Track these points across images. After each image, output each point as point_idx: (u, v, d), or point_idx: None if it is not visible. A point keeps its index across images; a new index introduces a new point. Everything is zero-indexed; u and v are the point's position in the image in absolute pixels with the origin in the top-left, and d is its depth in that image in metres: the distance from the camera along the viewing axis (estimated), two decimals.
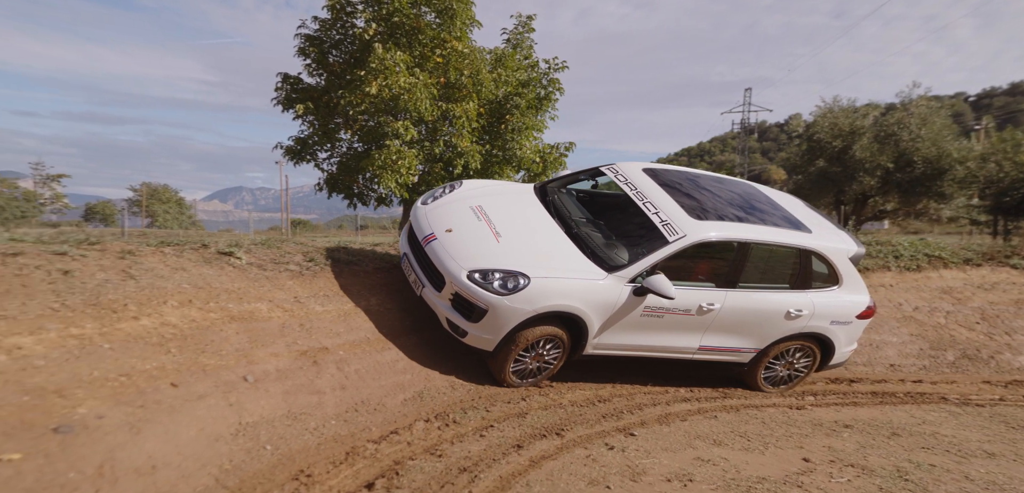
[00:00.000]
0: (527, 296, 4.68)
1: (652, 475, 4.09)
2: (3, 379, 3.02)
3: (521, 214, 5.51)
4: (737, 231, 5.30)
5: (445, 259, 4.88)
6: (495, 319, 4.70)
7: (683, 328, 5.36)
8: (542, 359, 5.21)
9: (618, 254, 5.12)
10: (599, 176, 6.21)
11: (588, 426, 4.89)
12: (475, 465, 3.99)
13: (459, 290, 4.74)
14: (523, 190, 6.06)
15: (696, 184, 5.96)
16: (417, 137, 10.12)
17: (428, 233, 5.17)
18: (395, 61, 9.42)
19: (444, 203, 5.58)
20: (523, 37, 12.35)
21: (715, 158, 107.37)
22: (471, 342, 4.92)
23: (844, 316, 5.87)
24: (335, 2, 10.68)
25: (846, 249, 5.84)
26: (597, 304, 4.90)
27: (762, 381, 6.06)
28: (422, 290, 5.11)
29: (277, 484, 3.33)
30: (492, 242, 5.01)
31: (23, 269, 3.93)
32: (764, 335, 5.67)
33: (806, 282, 5.70)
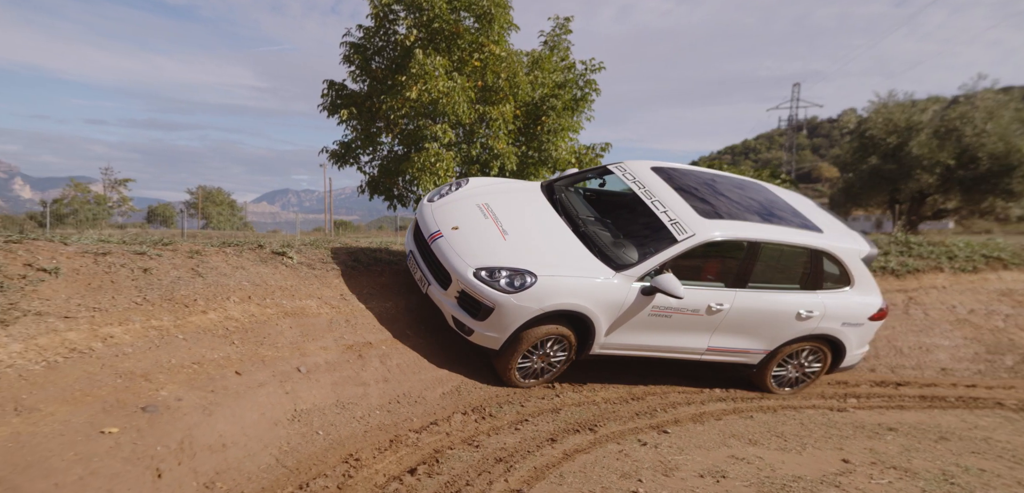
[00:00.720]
0: (534, 294, 4.63)
1: (684, 471, 4.14)
2: (100, 364, 3.38)
3: (528, 212, 5.45)
4: (747, 230, 5.21)
5: (451, 257, 4.83)
6: (501, 317, 4.65)
7: (691, 328, 5.28)
8: (548, 359, 5.15)
9: (626, 253, 5.05)
10: (607, 175, 6.15)
11: (621, 423, 4.97)
12: (510, 456, 4.14)
13: (465, 288, 4.69)
14: (530, 188, 5.99)
15: (706, 184, 5.87)
16: (455, 140, 10.36)
17: (434, 231, 5.11)
18: (434, 66, 9.69)
19: (451, 201, 5.51)
20: (560, 39, 12.42)
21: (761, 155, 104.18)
22: (477, 340, 4.87)
23: (856, 318, 5.75)
24: (378, 10, 11.04)
25: (858, 250, 5.74)
26: (605, 303, 4.84)
27: (772, 382, 5.94)
28: (428, 288, 5.07)
29: (329, 466, 3.57)
30: (499, 240, 4.95)
31: (111, 267, 4.33)
32: (774, 336, 5.57)
33: (817, 283, 5.59)
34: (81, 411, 2.97)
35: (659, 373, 6.20)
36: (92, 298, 3.84)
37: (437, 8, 10.52)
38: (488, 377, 5.36)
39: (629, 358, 5.40)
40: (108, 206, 28.84)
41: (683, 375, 6.29)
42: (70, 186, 29.51)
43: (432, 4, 10.57)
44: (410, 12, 10.96)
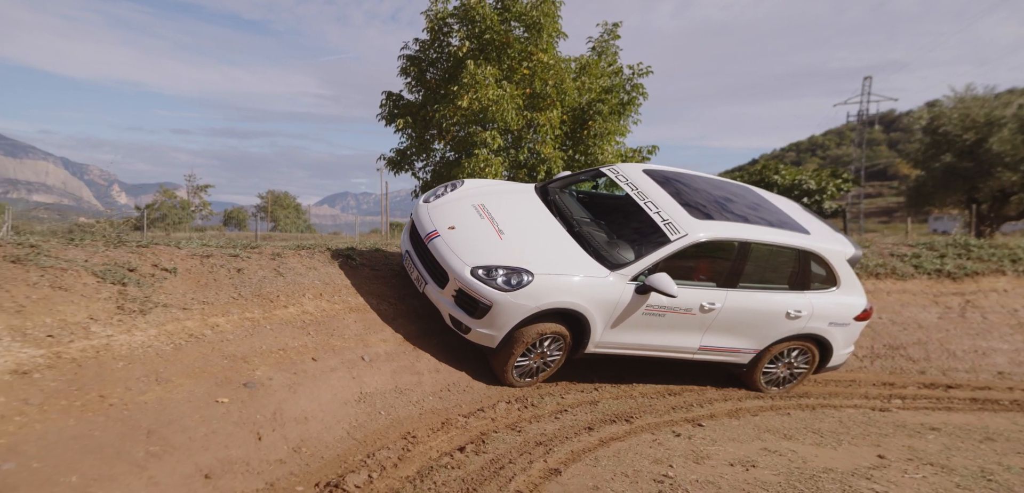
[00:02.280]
0: (531, 292, 4.69)
1: (715, 460, 4.37)
2: (211, 347, 4.04)
3: (524, 213, 5.52)
4: (738, 231, 5.29)
5: (448, 256, 4.88)
6: (498, 315, 4.70)
7: (684, 327, 5.34)
8: (544, 357, 5.18)
9: (621, 252, 5.12)
10: (600, 177, 6.28)
11: (657, 416, 5.23)
12: (550, 440, 4.52)
13: (462, 286, 4.74)
14: (525, 190, 6.06)
15: (696, 185, 5.96)
16: (503, 145, 10.81)
17: (431, 230, 5.14)
18: (485, 75, 10.17)
19: (446, 201, 5.55)
20: (608, 44, 12.65)
21: (830, 152, 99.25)
22: (474, 339, 4.91)
23: (842, 318, 5.83)
24: (433, 24, 11.67)
25: (844, 251, 5.82)
26: (600, 302, 4.90)
27: (761, 381, 6.01)
28: (425, 287, 5.10)
29: (391, 441, 4.08)
30: (495, 239, 5.00)
31: (213, 268, 4.99)
32: (764, 335, 5.64)
33: (805, 283, 5.67)
34: (201, 384, 3.61)
35: (696, 372, 6.40)
36: (201, 293, 4.53)
37: (488, 19, 11.02)
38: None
39: (623, 358, 5.47)
40: (191, 210, 31.35)
41: (721, 374, 6.45)
42: (160, 192, 32.33)
43: (484, 16, 11.08)
44: (463, 24, 11.52)
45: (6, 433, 2.60)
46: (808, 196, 23.52)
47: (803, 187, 23.70)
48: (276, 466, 3.41)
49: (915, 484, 4.16)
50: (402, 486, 3.57)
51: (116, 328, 3.71)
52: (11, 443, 2.54)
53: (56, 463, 2.59)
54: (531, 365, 5.20)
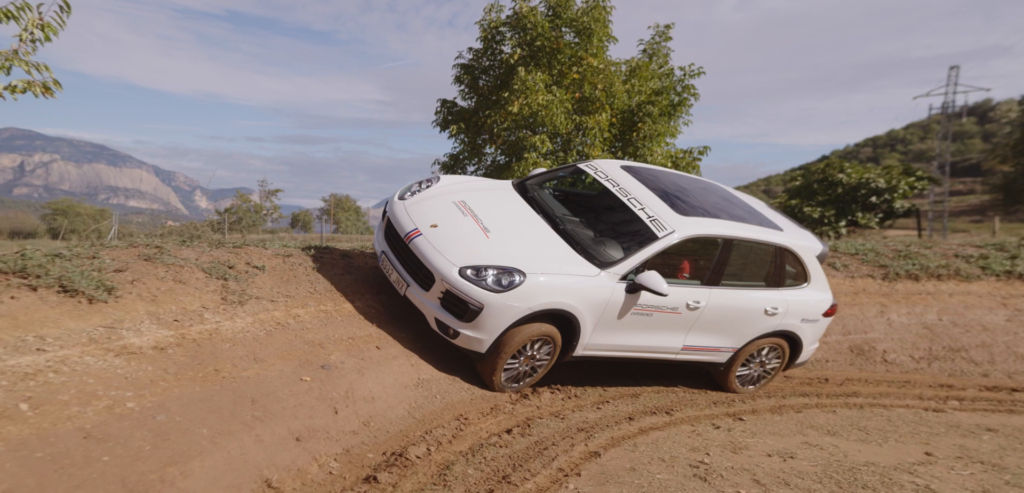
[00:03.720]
0: (522, 293, 4.49)
1: (753, 451, 4.51)
2: (294, 334, 4.59)
3: (507, 210, 5.32)
4: (721, 227, 5.22)
5: (433, 256, 4.64)
6: (489, 318, 4.48)
7: (670, 327, 5.22)
8: (533, 361, 4.98)
9: (609, 251, 4.98)
10: (578, 174, 6.13)
11: (697, 409, 5.39)
12: (591, 427, 4.79)
13: (450, 288, 4.51)
14: (503, 186, 5.84)
15: (672, 181, 5.87)
16: (552, 149, 11.13)
17: (411, 229, 4.88)
18: (535, 81, 10.53)
19: (424, 198, 5.28)
20: (659, 46, 12.74)
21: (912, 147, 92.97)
22: (462, 344, 4.68)
23: (812, 314, 5.80)
24: (487, 33, 12.15)
25: (813, 247, 5.80)
26: (591, 302, 4.75)
27: (735, 381, 5.92)
28: (407, 290, 4.83)
29: (445, 421, 4.48)
30: (481, 238, 4.81)
31: (293, 266, 5.54)
32: (743, 333, 5.56)
33: (780, 280, 5.63)
34: (288, 365, 4.15)
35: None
36: (285, 288, 5.12)
37: (540, 27, 11.38)
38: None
39: (607, 360, 5.32)
40: (263, 214, 33.54)
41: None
42: (236, 197, 34.84)
43: (535, 23, 11.45)
44: (515, 32, 11.94)
45: (156, 393, 3.22)
46: (876, 195, 22.40)
47: (871, 186, 22.60)
48: (350, 436, 3.89)
49: (961, 480, 4.15)
50: (456, 459, 3.95)
51: (222, 315, 4.32)
52: (160, 401, 3.15)
53: (191, 418, 3.17)
54: (519, 369, 4.99)
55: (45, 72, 3.15)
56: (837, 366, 6.94)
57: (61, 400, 2.79)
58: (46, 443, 2.49)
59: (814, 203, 21.86)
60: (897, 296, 7.70)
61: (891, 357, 7.11)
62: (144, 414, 3.00)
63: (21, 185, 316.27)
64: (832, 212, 21.32)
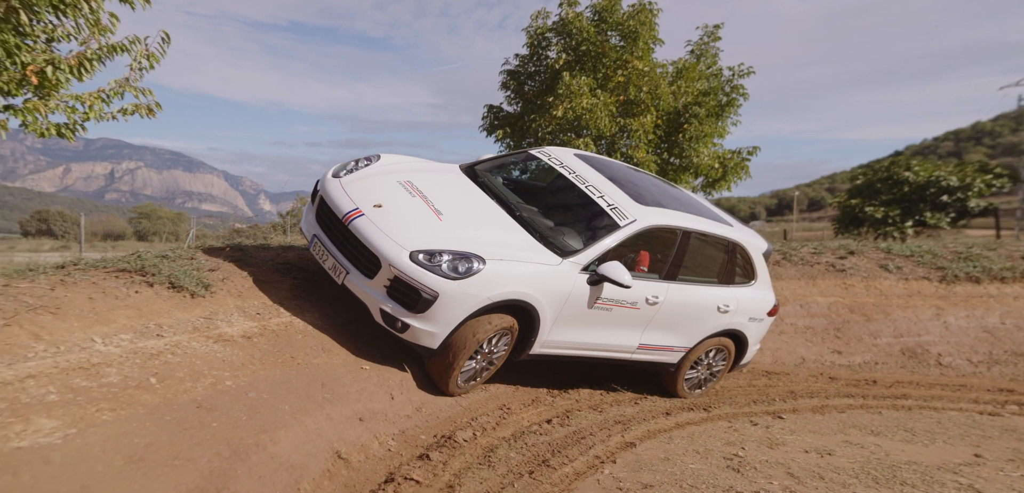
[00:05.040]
0: (482, 281, 4.05)
1: (790, 447, 4.57)
2: (356, 328, 4.84)
3: (459, 193, 4.91)
4: (681, 219, 4.99)
5: (377, 238, 4.10)
6: (444, 308, 4.02)
7: (627, 324, 4.91)
8: (490, 356, 4.56)
9: (569, 239, 4.64)
10: (530, 161, 5.76)
11: (735, 407, 5.46)
12: (628, 421, 4.97)
13: (400, 274, 3.99)
14: (451, 170, 5.41)
15: (624, 172, 5.59)
16: (596, 151, 11.30)
17: (349, 209, 4.32)
18: (580, 86, 10.73)
19: (364, 176, 4.77)
20: (707, 47, 12.68)
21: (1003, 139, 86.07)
22: (411, 338, 4.16)
23: (759, 313, 5.61)
24: (533, 39, 12.46)
25: (760, 245, 5.64)
26: (552, 293, 4.38)
27: (684, 385, 5.64)
28: (345, 278, 4.26)
29: (490, 410, 4.76)
30: (433, 220, 4.35)
31: None
32: (697, 331, 5.32)
33: (731, 277, 5.45)
34: (350, 355, 4.51)
35: (783, 368, 6.46)
36: None
37: (585, 32, 11.59)
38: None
39: (559, 359, 4.94)
40: None
41: (810, 372, 6.45)
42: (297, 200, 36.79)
43: (581, 28, 11.67)
44: (561, 37, 12.19)
45: (247, 375, 3.68)
46: (948, 194, 21.15)
47: (941, 184, 21.35)
48: (404, 419, 4.25)
49: (1009, 482, 4.08)
50: (499, 443, 4.24)
51: (294, 311, 4.81)
52: (251, 381, 3.61)
53: (275, 396, 3.61)
54: (474, 367, 4.57)
55: (149, 96, 3.68)
56: (887, 369, 6.79)
57: (178, 377, 3.27)
58: (171, 409, 2.97)
59: (877, 202, 20.91)
60: (955, 299, 7.42)
61: (946, 360, 6.88)
62: (239, 391, 3.45)
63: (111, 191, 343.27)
64: (897, 212, 20.36)
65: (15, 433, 2.30)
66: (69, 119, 3.44)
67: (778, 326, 7.06)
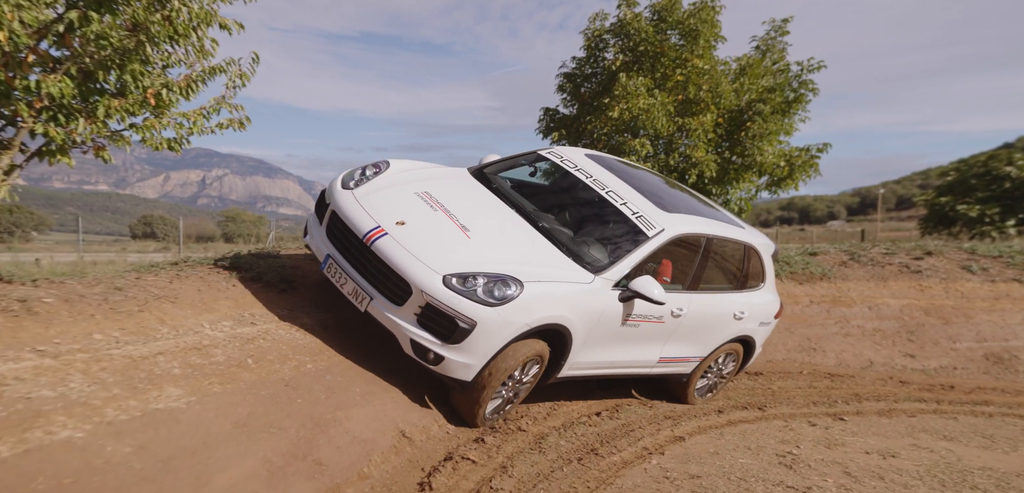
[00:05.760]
0: (521, 306, 3.66)
1: (850, 448, 4.45)
2: None
3: (478, 203, 4.49)
4: (705, 226, 4.71)
5: (406, 261, 3.69)
6: (481, 338, 3.62)
7: (651, 338, 4.61)
8: (518, 386, 4.19)
9: (595, 252, 4.29)
10: (538, 161, 5.30)
11: (793, 407, 5.35)
12: (678, 417, 4.99)
13: (433, 301, 3.59)
14: (462, 175, 4.99)
15: (639, 172, 5.29)
16: (652, 151, 11.21)
17: (371, 227, 3.87)
18: (636, 86, 10.71)
19: (379, 188, 4.32)
20: (774, 42, 12.29)
21: None
22: (446, 371, 3.72)
23: (768, 317, 5.38)
24: (590, 41, 12.55)
25: (769, 246, 5.39)
26: (585, 313, 4.03)
27: (694, 393, 5.37)
28: (368, 304, 3.80)
29: (541, 402, 4.92)
30: (461, 238, 3.95)
31: None
32: (713, 340, 5.06)
33: (744, 282, 5.19)
34: None
35: (846, 367, 6.23)
36: None
37: (643, 32, 11.56)
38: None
39: (578, 379, 4.61)
40: None
41: (878, 373, 6.18)
42: None
43: (638, 29, 11.65)
44: (618, 38, 12.22)
45: (324, 360, 4.02)
46: None
47: None
48: None
49: None
50: (550, 432, 4.41)
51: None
52: (327, 365, 3.95)
53: (348, 379, 3.91)
54: (504, 396, 4.18)
55: (241, 111, 4.19)
56: (966, 374, 6.38)
57: (269, 359, 3.67)
58: (265, 386, 3.37)
59: (972, 200, 19.31)
60: None
61: None
62: (318, 373, 3.80)
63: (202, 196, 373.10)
64: (995, 210, 18.75)
65: (152, 398, 2.76)
66: (177, 134, 3.99)
67: (843, 328, 6.79)
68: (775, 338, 6.62)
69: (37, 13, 3.29)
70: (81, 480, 2.17)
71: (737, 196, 11.71)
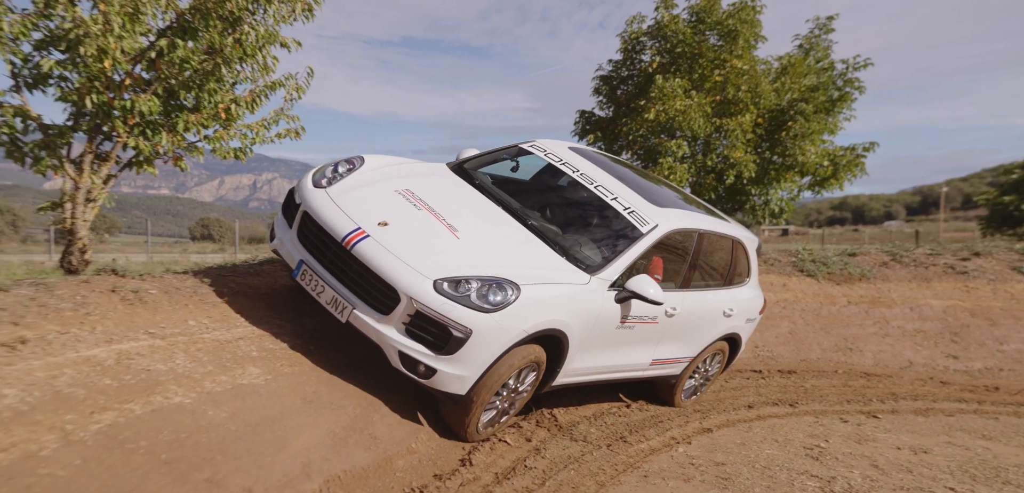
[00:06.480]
0: (517, 311, 3.36)
1: (880, 444, 4.50)
2: None
3: (462, 200, 4.19)
4: (696, 220, 4.53)
5: (391, 265, 3.36)
6: (476, 347, 3.31)
7: (644, 340, 4.39)
8: (514, 396, 3.89)
9: (588, 251, 4.05)
10: (520, 155, 4.96)
11: (825, 404, 5.38)
12: (707, 410, 5.11)
13: (423, 308, 3.27)
14: (442, 171, 4.68)
15: (621, 166, 5.07)
16: (689, 152, 11.22)
17: (351, 229, 3.52)
18: (673, 88, 10.76)
19: (355, 185, 3.97)
20: (819, 40, 12.12)
21: None
22: (436, 385, 3.38)
23: (754, 313, 5.21)
24: (627, 44, 12.67)
25: (753, 240, 5.23)
26: (582, 316, 3.80)
27: (681, 395, 5.18)
28: (350, 313, 3.44)
29: (572, 393, 5.22)
30: (450, 239, 3.65)
31: None
32: (703, 339, 4.89)
33: (732, 278, 5.04)
34: None
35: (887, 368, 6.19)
36: None
37: (681, 34, 11.61)
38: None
39: (570, 387, 4.33)
40: None
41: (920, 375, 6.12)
42: None
43: (676, 31, 11.70)
44: (655, 40, 12.30)
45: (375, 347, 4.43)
46: None
47: None
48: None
49: None
50: (581, 421, 4.64)
51: None
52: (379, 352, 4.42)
53: None
54: (499, 407, 3.86)
55: (296, 122, 4.63)
56: (1014, 376, 6.22)
57: (328, 347, 4.00)
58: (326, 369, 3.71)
59: None
60: None
61: None
62: (370, 359, 3.97)
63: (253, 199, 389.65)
64: None
65: (238, 374, 3.18)
66: (242, 144, 4.46)
67: (882, 328, 6.72)
68: (809, 337, 6.64)
69: (134, 42, 3.79)
70: (193, 436, 2.62)
71: (777, 196, 11.60)
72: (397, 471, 3.20)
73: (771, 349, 6.64)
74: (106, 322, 3.14)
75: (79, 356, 2.79)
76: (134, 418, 2.54)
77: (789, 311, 7.06)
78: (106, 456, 2.31)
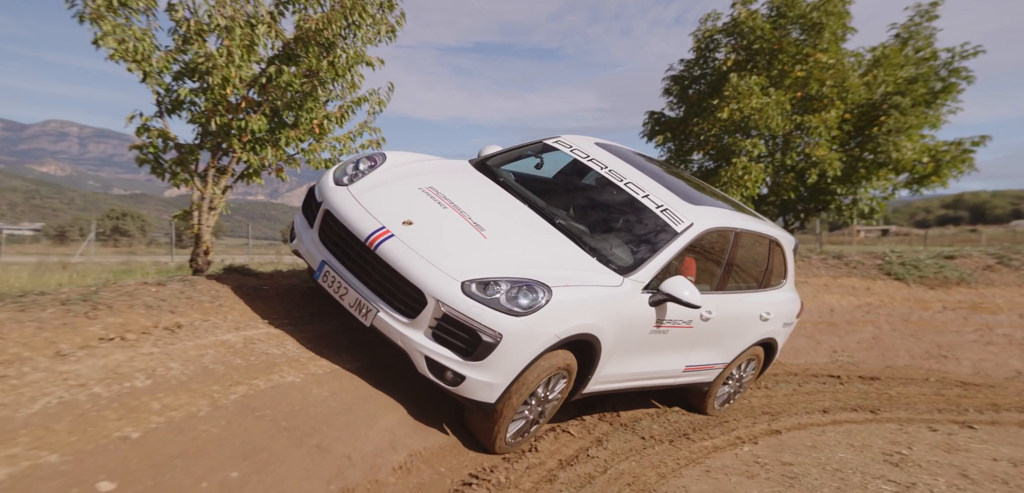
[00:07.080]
0: (549, 314, 3.20)
1: (972, 454, 4.17)
2: None
3: (489, 199, 4.01)
4: (733, 219, 4.31)
5: (417, 266, 3.23)
6: (508, 352, 3.16)
7: (678, 345, 4.16)
8: (544, 404, 3.66)
9: (621, 251, 3.87)
10: (545, 151, 4.76)
11: (912, 412, 5.04)
12: (777, 413, 4.93)
13: (452, 311, 3.14)
14: (465, 168, 4.51)
15: (651, 163, 4.81)
16: (765, 151, 10.74)
17: (375, 229, 3.39)
18: (749, 86, 10.35)
19: (378, 183, 3.83)
20: (919, 27, 11.25)
21: None
22: (464, 392, 3.21)
23: (791, 317, 5.00)
24: (700, 43, 12.34)
25: (790, 240, 5.02)
26: (615, 320, 3.60)
27: (714, 402, 4.91)
28: (374, 317, 3.29)
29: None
30: (477, 238, 3.49)
31: None
32: (738, 345, 4.64)
33: (769, 280, 4.78)
34: None
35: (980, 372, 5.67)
36: None
37: (759, 29, 11.17)
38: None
39: (600, 394, 4.10)
40: None
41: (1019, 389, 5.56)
42: None
43: (753, 27, 11.28)
44: (730, 37, 11.90)
45: None
46: None
47: None
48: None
49: None
50: (643, 417, 4.65)
51: None
52: None
53: None
54: (528, 417, 3.65)
55: (378, 133, 5.04)
56: None
57: None
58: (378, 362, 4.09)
59: None
60: None
61: None
62: None
63: None
64: None
65: (334, 361, 3.51)
66: (332, 155, 4.93)
67: (984, 336, 6.16)
68: (897, 343, 6.22)
69: (249, 70, 4.37)
70: (304, 408, 3.00)
71: (867, 195, 10.85)
72: (470, 452, 3.44)
73: (851, 354, 6.28)
74: (234, 312, 3.62)
75: (217, 340, 3.26)
76: (259, 391, 2.95)
77: (873, 315, 6.63)
78: (242, 420, 2.73)
